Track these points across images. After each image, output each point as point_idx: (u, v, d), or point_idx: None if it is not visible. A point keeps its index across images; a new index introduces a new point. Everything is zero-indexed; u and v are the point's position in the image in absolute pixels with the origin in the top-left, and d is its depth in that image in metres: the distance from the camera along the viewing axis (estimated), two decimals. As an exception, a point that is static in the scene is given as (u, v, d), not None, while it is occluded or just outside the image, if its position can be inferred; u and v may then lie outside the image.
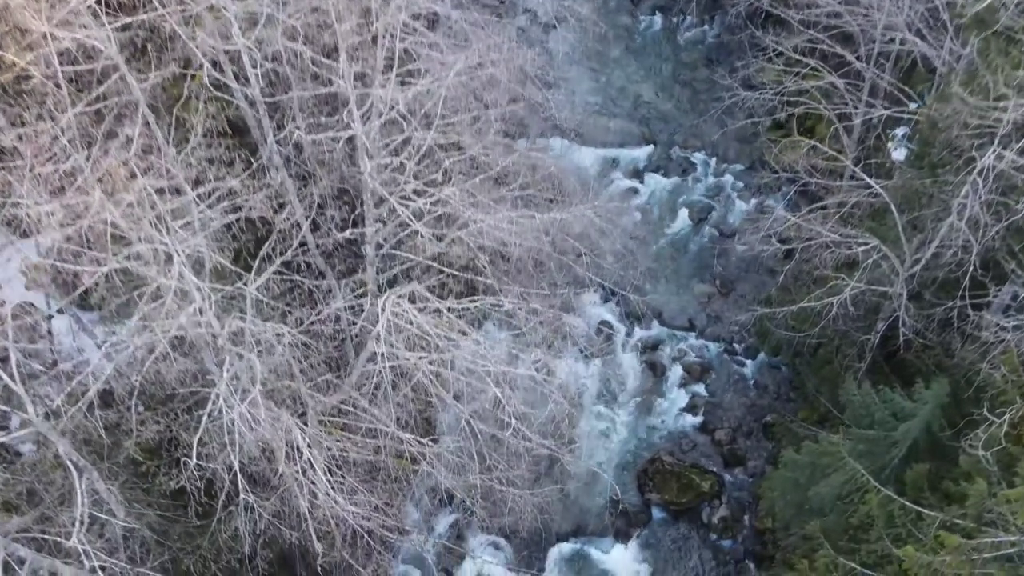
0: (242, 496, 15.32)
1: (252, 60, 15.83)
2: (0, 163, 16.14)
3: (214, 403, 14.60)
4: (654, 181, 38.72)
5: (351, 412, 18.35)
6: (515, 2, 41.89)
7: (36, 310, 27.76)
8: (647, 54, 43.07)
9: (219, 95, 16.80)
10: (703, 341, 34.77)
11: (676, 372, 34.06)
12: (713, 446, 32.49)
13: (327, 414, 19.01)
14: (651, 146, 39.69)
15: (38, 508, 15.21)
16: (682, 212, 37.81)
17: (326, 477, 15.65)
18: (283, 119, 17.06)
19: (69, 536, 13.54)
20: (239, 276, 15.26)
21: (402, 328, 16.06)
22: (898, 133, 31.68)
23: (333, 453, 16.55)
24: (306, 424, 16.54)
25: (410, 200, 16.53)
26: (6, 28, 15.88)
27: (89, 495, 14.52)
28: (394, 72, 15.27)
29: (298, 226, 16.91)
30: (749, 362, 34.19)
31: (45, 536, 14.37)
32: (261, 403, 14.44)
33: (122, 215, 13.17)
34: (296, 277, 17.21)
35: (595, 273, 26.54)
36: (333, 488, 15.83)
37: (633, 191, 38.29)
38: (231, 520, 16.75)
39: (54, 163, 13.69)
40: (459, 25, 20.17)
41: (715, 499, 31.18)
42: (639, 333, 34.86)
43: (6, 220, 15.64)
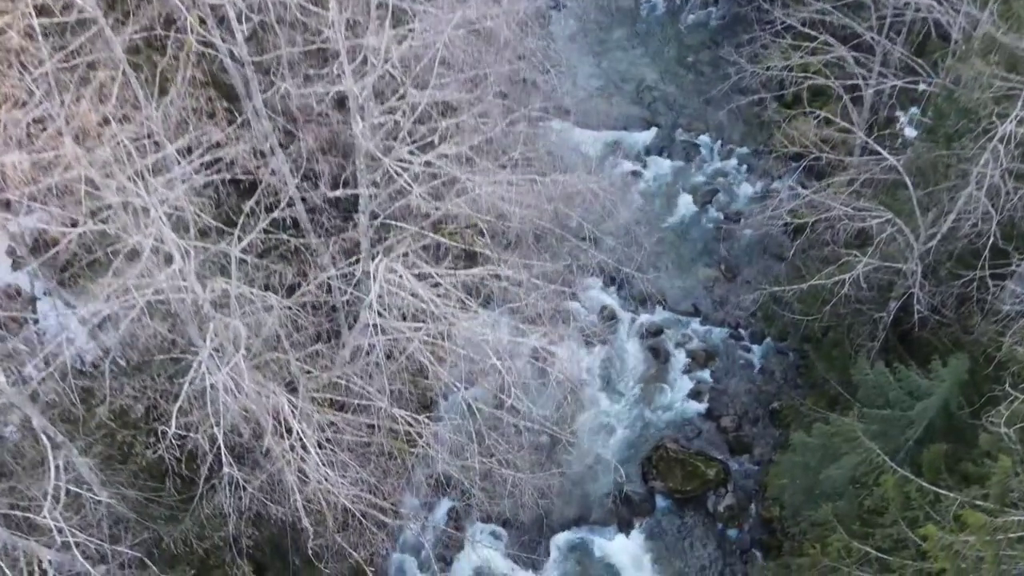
0: (226, 470, 14.45)
1: (237, 12, 14.97)
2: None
3: (196, 371, 13.74)
4: (657, 164, 37.92)
5: (344, 387, 17.50)
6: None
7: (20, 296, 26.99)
8: (650, 36, 42.28)
9: (203, 49, 15.92)
10: (708, 326, 33.94)
11: (680, 358, 33.23)
12: (718, 433, 31.64)
13: (319, 390, 18.15)
14: (654, 129, 38.90)
15: (7, 480, 14.35)
16: (686, 196, 37.00)
17: (316, 451, 14.79)
18: (269, 73, 16.18)
19: (40, 511, 12.71)
20: (220, 233, 14.40)
21: (396, 296, 15.22)
22: (908, 113, 30.93)
23: (324, 427, 15.69)
24: (296, 396, 15.69)
25: (406, 163, 15.68)
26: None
27: (65, 469, 13.69)
28: (388, 21, 14.41)
29: (285, 184, 16.05)
30: (755, 347, 33.34)
31: (14, 511, 13.49)
32: (245, 369, 13.59)
33: (97, 171, 12.32)
34: (283, 236, 16.31)
35: (599, 261, 25.67)
36: (323, 463, 14.97)
37: (636, 174, 37.48)
38: (214, 496, 15.88)
39: (22, 110, 12.81)
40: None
41: (721, 487, 30.32)
42: (642, 318, 34.02)
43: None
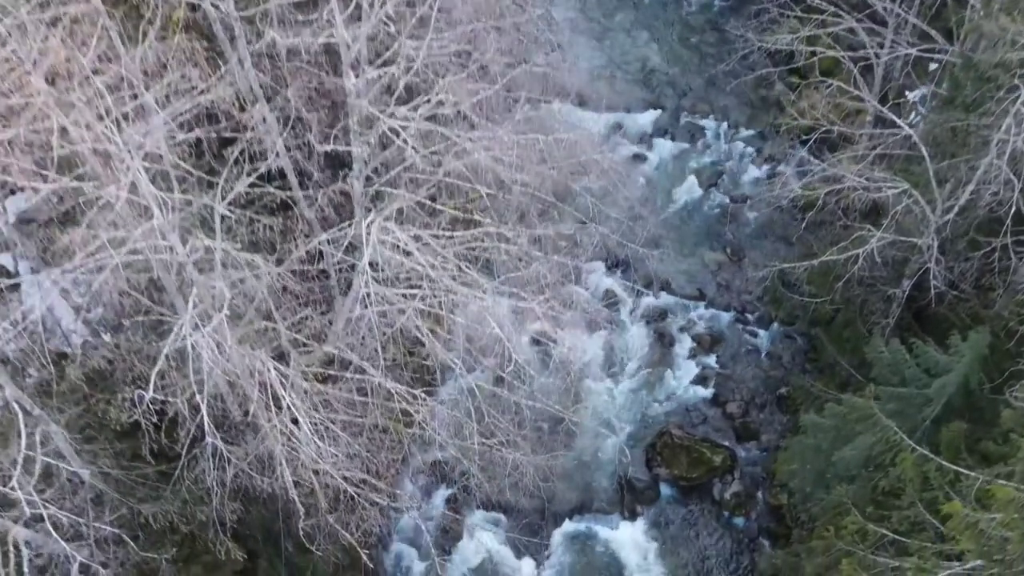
0: (209, 440, 13.62)
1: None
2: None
3: (177, 333, 12.89)
4: (662, 147, 37.04)
5: (337, 361, 16.66)
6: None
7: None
8: (653, 18, 41.39)
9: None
10: (713, 310, 33.07)
11: (685, 343, 32.36)
12: (724, 419, 30.78)
13: (311, 364, 17.30)
14: (658, 111, 38.01)
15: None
16: (691, 178, 36.12)
17: (306, 423, 13.94)
18: (254, 21, 15.27)
19: (8, 481, 11.88)
20: (202, 184, 13.52)
21: (391, 261, 14.38)
22: (918, 95, 30.09)
23: (317, 405, 14.85)
24: (284, 364, 14.83)
25: (401, 121, 14.83)
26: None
27: (41, 443, 12.85)
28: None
29: (270, 135, 15.17)
30: (762, 332, 32.49)
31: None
32: (228, 330, 12.74)
33: (67, 114, 11.48)
34: (269, 188, 15.41)
35: (602, 236, 24.85)
36: (314, 434, 14.12)
37: (640, 157, 36.60)
38: (195, 466, 15.01)
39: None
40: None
41: (727, 474, 29.46)
42: (646, 302, 33.15)
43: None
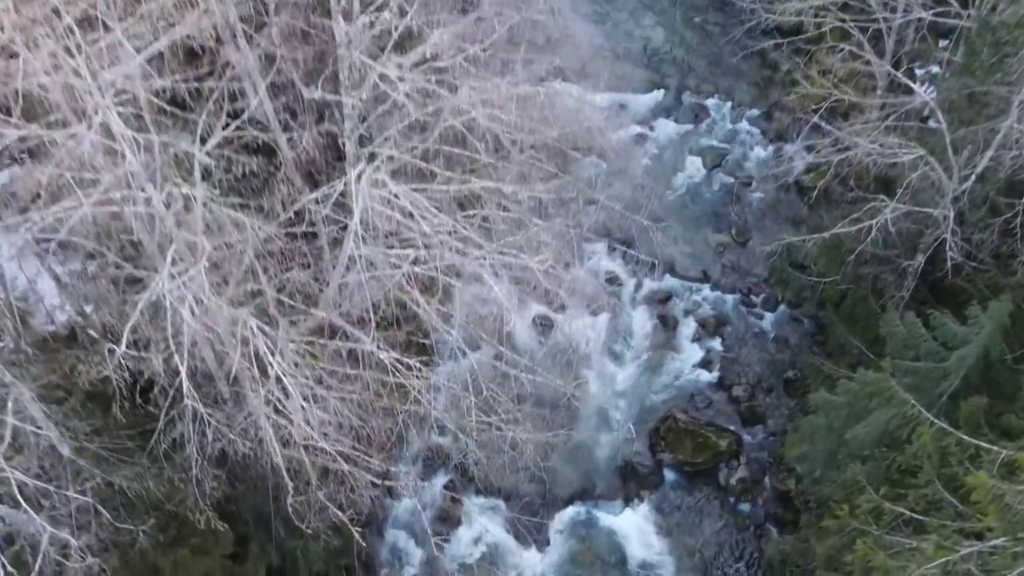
0: (188, 402, 12.76)
1: None
2: None
3: (152, 289, 12.02)
4: (665, 127, 36.19)
5: (327, 329, 15.84)
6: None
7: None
8: (657, -2, 40.57)
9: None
10: (718, 293, 32.22)
11: (689, 326, 31.51)
12: (730, 403, 29.94)
13: (302, 335, 16.44)
14: (661, 91, 37.15)
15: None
16: (694, 159, 35.29)
17: (291, 382, 13.11)
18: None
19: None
20: (175, 120, 12.69)
21: (384, 219, 13.55)
22: (928, 72, 29.29)
23: (301, 360, 14.03)
24: (269, 324, 13.99)
25: (396, 72, 14.01)
26: None
27: (9, 406, 12.03)
28: None
29: (251, 77, 14.29)
30: (768, 314, 31.65)
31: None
32: (206, 281, 11.89)
33: (36, 58, 10.66)
34: (252, 131, 14.53)
35: (605, 207, 24.03)
36: (303, 397, 13.29)
37: (642, 137, 35.75)
38: (172, 430, 14.15)
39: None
40: None
41: (733, 459, 28.64)
42: (649, 285, 32.30)
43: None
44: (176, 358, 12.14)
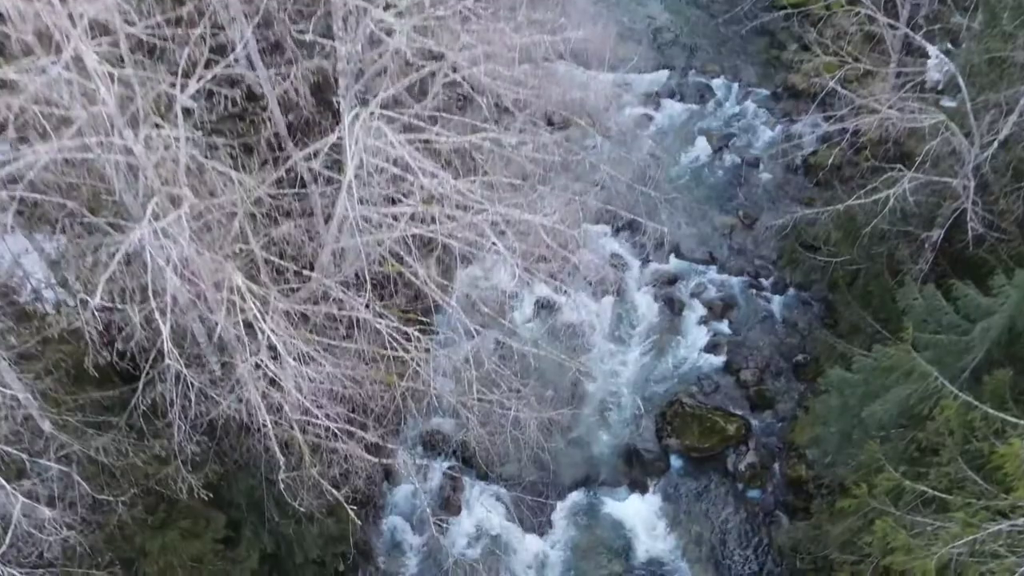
0: (169, 362, 11.88)
1: None
2: None
3: (129, 239, 11.14)
4: (670, 107, 35.44)
5: (321, 296, 14.99)
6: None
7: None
8: (660, -24, 39.76)
9: None
10: (725, 275, 31.42)
11: (696, 309, 30.69)
12: (738, 387, 29.10)
13: (296, 303, 15.57)
14: (666, 71, 36.41)
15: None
16: (700, 140, 34.52)
17: (279, 342, 12.26)
18: None
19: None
20: (150, 53, 11.78)
21: (379, 169, 12.70)
22: (938, 53, 28.43)
23: (292, 319, 13.18)
24: (256, 282, 13.13)
25: (390, 19, 13.17)
26: None
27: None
28: None
29: (234, 19, 13.41)
30: (776, 297, 30.84)
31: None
32: (187, 227, 11.02)
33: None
34: (238, 70, 13.64)
35: (610, 194, 23.18)
36: (294, 358, 12.44)
37: (647, 118, 34.97)
38: (150, 391, 13.27)
39: None
40: None
41: (741, 445, 27.79)
42: (654, 267, 31.52)
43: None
44: (157, 316, 11.31)
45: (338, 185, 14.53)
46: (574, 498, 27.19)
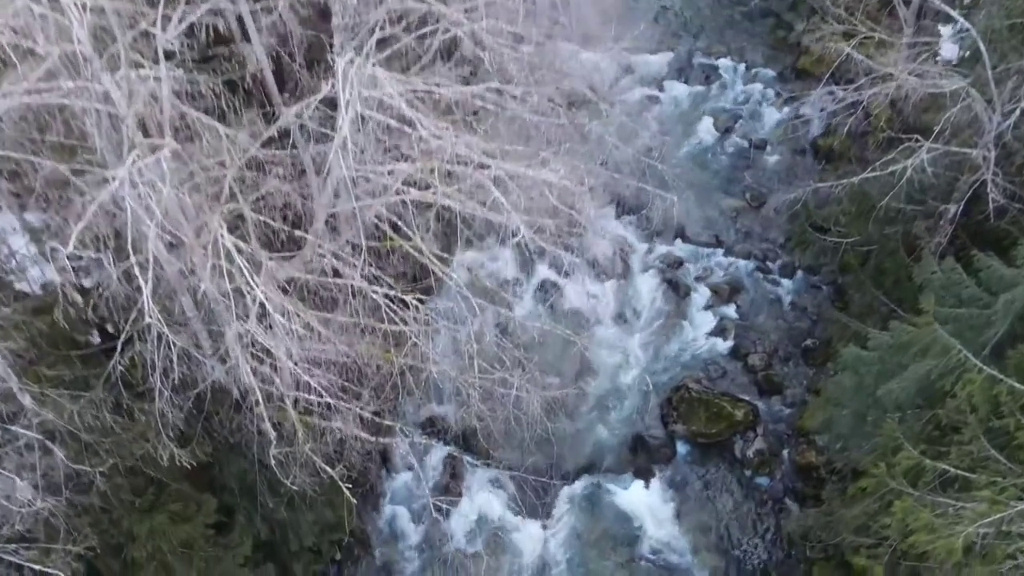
0: (149, 321, 11.09)
1: None
2: None
3: (107, 185, 10.37)
4: (675, 89, 34.70)
5: (314, 261, 14.23)
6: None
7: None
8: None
9: None
10: (732, 258, 30.65)
11: (702, 292, 29.93)
12: (746, 372, 28.31)
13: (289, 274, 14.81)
14: (671, 52, 35.63)
15: None
16: (706, 121, 33.77)
17: (266, 299, 11.49)
18: None
19: None
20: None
21: (376, 122, 11.95)
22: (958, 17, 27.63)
23: (279, 280, 12.42)
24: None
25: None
26: None
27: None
28: None
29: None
30: (785, 281, 30.08)
31: None
32: (167, 171, 10.24)
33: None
34: (222, 15, 12.81)
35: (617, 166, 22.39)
36: (285, 324, 11.68)
37: (652, 99, 34.23)
38: (129, 349, 12.49)
39: None
40: None
41: (749, 430, 27.00)
42: (660, 250, 30.76)
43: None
44: (137, 272, 10.54)
45: (331, 143, 13.75)
46: (578, 485, 26.42)
